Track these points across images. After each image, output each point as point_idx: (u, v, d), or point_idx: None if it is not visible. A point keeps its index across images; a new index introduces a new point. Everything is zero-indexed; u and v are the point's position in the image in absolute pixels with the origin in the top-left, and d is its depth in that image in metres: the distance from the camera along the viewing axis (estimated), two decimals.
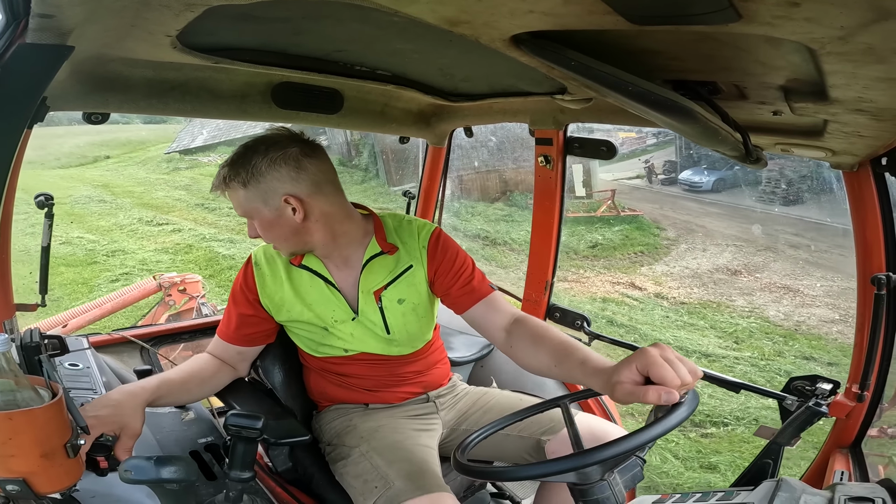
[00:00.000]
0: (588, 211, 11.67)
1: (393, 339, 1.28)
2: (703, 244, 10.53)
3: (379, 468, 1.12)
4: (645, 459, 1.01)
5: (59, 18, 0.77)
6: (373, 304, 1.26)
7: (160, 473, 0.77)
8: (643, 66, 0.83)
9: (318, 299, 1.26)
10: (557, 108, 1.52)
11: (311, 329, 1.28)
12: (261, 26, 1.02)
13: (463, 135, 2.01)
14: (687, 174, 13.87)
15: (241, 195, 1.16)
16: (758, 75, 0.82)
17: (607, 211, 11.52)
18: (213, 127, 19.13)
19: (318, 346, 1.30)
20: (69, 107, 1.22)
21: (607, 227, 11.14)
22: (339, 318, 1.26)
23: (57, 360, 1.25)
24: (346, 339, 1.28)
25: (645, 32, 0.67)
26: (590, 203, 12.03)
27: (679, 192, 13.80)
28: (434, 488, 1.06)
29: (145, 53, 1.06)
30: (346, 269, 1.27)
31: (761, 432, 1.37)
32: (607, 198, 11.87)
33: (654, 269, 9.72)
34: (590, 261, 10.07)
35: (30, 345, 1.06)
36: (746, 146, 1.00)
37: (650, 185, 14.61)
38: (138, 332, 1.81)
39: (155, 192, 14.85)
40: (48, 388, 0.80)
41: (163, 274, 4.48)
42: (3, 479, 0.75)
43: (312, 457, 1.29)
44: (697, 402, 0.85)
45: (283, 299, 1.26)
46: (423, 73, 1.43)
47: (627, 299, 8.24)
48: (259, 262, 1.29)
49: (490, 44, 0.85)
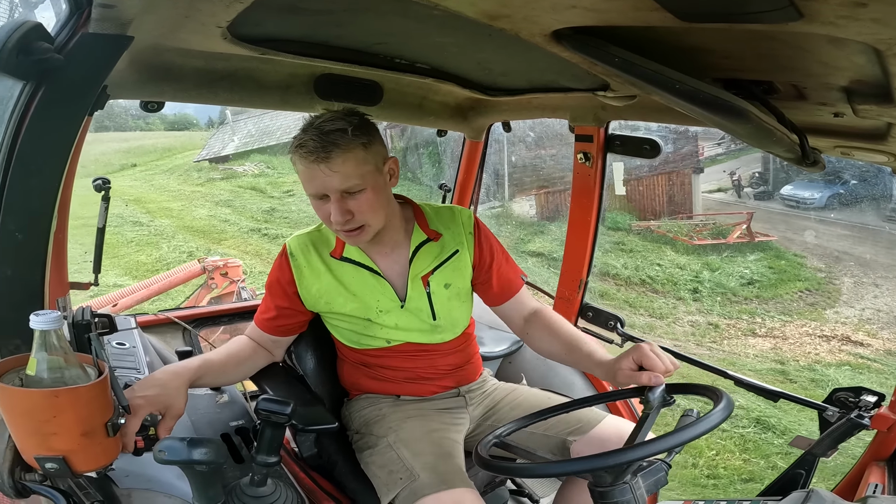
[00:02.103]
0: (715, 236, 10.17)
1: (438, 324, 1.28)
2: (868, 277, 9.15)
3: (405, 459, 1.13)
4: (670, 464, 0.99)
5: (119, 9, 0.80)
6: (420, 289, 1.25)
7: (191, 455, 0.78)
8: (692, 63, 0.79)
9: (361, 290, 1.24)
10: (599, 104, 1.48)
11: (352, 321, 1.27)
12: (305, 18, 1.03)
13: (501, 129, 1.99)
14: (791, 189, 12.04)
15: (361, 157, 1.07)
16: (819, 76, 0.77)
17: (741, 237, 9.90)
18: (245, 134, 17.94)
19: (360, 337, 1.29)
20: (127, 95, 1.28)
21: (741, 256, 9.57)
22: (385, 308, 1.25)
23: (105, 338, 1.29)
24: (389, 329, 1.26)
25: (694, 30, 0.64)
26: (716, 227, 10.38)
27: (781, 209, 11.81)
28: (457, 483, 1.06)
29: (198, 44, 1.09)
30: (392, 256, 1.26)
31: (797, 442, 1.34)
32: (741, 222, 10.12)
33: (842, 312, 8.32)
34: (755, 304, 8.60)
35: (81, 323, 1.09)
36: (803, 148, 0.95)
37: (739, 199, 12.69)
38: (181, 314, 1.90)
39: (195, 209, 13.50)
40: (95, 366, 0.81)
41: (206, 257, 4.69)
42: (43, 458, 0.75)
43: (338, 444, 1.32)
44: (730, 411, 0.87)
45: (322, 291, 1.24)
46: (462, 66, 1.42)
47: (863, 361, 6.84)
48: (295, 254, 1.25)
49: (530, 38, 0.84)
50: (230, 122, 18.89)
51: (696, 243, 9.93)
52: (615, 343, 1.76)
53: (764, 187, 12.85)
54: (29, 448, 0.75)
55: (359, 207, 1.10)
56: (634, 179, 11.30)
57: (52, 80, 0.86)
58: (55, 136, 0.89)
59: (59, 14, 0.91)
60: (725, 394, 0.92)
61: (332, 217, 1.10)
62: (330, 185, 1.08)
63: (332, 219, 1.11)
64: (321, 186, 1.09)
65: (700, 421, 0.86)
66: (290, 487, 1.03)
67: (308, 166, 1.07)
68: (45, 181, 0.89)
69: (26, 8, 0.96)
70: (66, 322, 1.08)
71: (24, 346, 0.83)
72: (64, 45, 0.86)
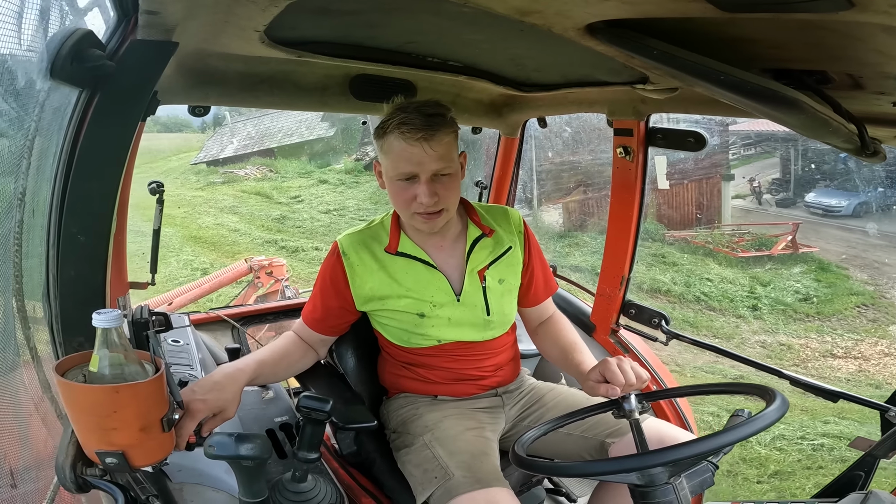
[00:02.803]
0: (759, 248, 9.69)
1: (491, 320, 1.29)
2: None
3: (440, 458, 1.13)
4: (717, 465, 0.95)
5: (163, 15, 0.83)
6: (477, 283, 1.26)
7: (239, 450, 0.80)
8: (736, 54, 0.75)
9: (415, 285, 1.24)
10: (638, 98, 1.42)
11: (403, 318, 1.26)
12: (337, 20, 1.05)
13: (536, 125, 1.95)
14: (816, 196, 11.47)
15: (453, 143, 1.14)
16: (874, 65, 0.71)
17: (785, 248, 9.52)
18: (245, 136, 17.15)
19: (410, 336, 1.28)
20: (176, 100, 1.32)
21: (786, 269, 9.15)
22: (439, 302, 1.24)
23: (161, 335, 1.34)
24: (441, 326, 1.26)
25: (737, 20, 0.61)
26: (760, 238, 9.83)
27: (805, 216, 11.16)
28: (492, 482, 1.06)
29: (238, 48, 1.12)
30: (447, 250, 1.27)
31: (857, 444, 1.28)
32: (786, 233, 9.67)
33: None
34: (817, 321, 8.10)
35: (139, 321, 1.14)
36: (862, 139, 0.89)
37: (759, 206, 12.15)
38: (230, 312, 1.99)
39: (200, 216, 12.69)
40: (152, 362, 0.82)
41: (252, 257, 4.90)
42: (104, 452, 0.77)
43: (376, 443, 1.34)
44: (783, 412, 0.84)
45: (375, 289, 1.24)
46: (494, 63, 1.40)
47: None
48: (347, 252, 1.25)
49: (563, 33, 0.82)
50: (229, 123, 18.29)
51: (741, 255, 9.45)
52: (660, 341, 1.71)
53: (784, 193, 12.15)
54: (91, 443, 0.78)
55: (444, 191, 1.14)
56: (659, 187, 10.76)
57: (106, 86, 0.88)
58: (112, 141, 0.92)
59: (107, 21, 0.94)
60: (780, 394, 0.88)
61: (420, 198, 1.13)
62: (426, 164, 1.11)
63: (418, 199, 1.13)
64: (416, 165, 1.11)
65: (750, 422, 0.83)
66: (330, 483, 1.05)
67: (409, 144, 1.10)
68: (104, 185, 0.92)
69: (76, 15, 0.98)
70: (126, 320, 1.12)
71: (87, 344, 0.86)
72: (115, 52, 0.89)
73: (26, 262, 0.92)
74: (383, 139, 1.14)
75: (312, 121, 16.84)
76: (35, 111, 0.90)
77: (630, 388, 1.04)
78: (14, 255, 0.89)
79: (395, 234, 1.26)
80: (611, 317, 1.79)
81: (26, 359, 0.97)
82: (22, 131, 0.89)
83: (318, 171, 15.93)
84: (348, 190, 14.35)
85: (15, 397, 0.97)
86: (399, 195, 1.16)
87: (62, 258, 0.90)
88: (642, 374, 1.05)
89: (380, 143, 1.15)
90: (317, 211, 12.95)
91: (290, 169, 16.03)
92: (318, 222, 12.22)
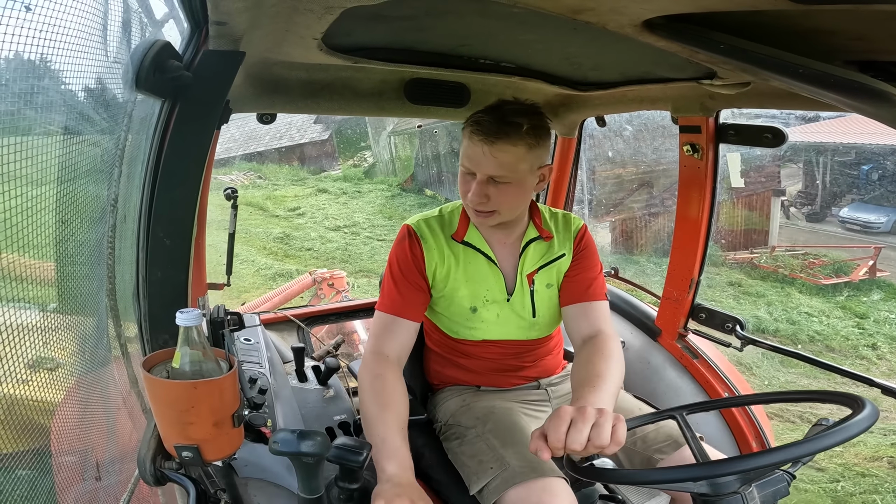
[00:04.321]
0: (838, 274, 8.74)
1: (536, 322, 1.29)
2: None
3: (495, 449, 1.13)
4: (794, 475, 0.88)
5: (230, 25, 0.87)
6: (526, 286, 1.27)
7: (300, 447, 0.80)
8: (814, 46, 0.69)
9: (475, 276, 1.25)
10: (706, 93, 1.34)
11: (457, 308, 1.27)
12: (390, 25, 1.07)
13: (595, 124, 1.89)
14: (851, 211, 10.36)
15: (521, 154, 1.11)
16: None
17: (865, 274, 8.64)
18: (228, 138, 14.84)
19: (459, 328, 1.30)
20: (246, 109, 1.40)
21: (866, 296, 8.16)
22: (492, 298, 1.26)
23: (235, 334, 1.42)
24: (490, 322, 1.27)
25: (812, 11, 0.55)
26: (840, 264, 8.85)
27: (838, 232, 10.16)
28: (550, 472, 1.04)
29: (299, 56, 1.17)
30: (507, 248, 1.28)
31: None
32: (869, 257, 8.84)
33: None
34: None
35: (216, 320, 1.20)
36: None
37: (788, 220, 10.92)
38: (296, 313, 2.15)
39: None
40: (226, 360, 0.84)
41: (316, 270, 5.21)
42: (181, 446, 0.79)
43: (425, 437, 1.35)
44: (873, 420, 0.76)
45: (445, 272, 1.25)
46: (549, 63, 1.37)
47: None
48: (424, 235, 1.25)
49: (619, 30, 0.79)
50: None
51: (824, 283, 8.49)
52: (734, 346, 1.61)
53: (810, 207, 10.85)
54: (170, 437, 0.80)
55: (497, 196, 1.14)
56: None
57: (185, 96, 0.93)
58: (192, 149, 0.97)
59: (181, 32, 0.99)
60: (869, 403, 0.80)
61: (469, 195, 1.16)
62: (483, 166, 1.12)
63: (468, 196, 1.16)
64: (475, 164, 1.14)
65: (833, 432, 0.76)
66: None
67: (473, 143, 1.12)
68: (187, 191, 0.97)
69: (154, 27, 1.03)
70: (205, 319, 1.18)
71: (171, 341, 0.91)
72: (190, 62, 0.94)
73: (118, 265, 0.99)
74: (464, 131, 1.17)
75: (304, 123, 15.19)
76: (124, 121, 0.95)
77: (573, 452, 0.85)
78: (108, 258, 0.97)
79: (463, 222, 1.27)
80: (678, 321, 1.70)
81: (117, 355, 1.04)
82: (113, 140, 0.94)
83: (312, 177, 14.21)
84: (352, 201, 12.55)
85: (105, 392, 1.02)
86: (461, 185, 1.19)
87: (150, 261, 0.97)
88: (603, 441, 0.83)
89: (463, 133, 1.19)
90: (324, 227, 11.11)
91: (280, 175, 14.32)
92: (331, 243, 10.22)
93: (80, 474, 0.94)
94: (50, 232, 0.77)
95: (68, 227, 0.83)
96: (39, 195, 0.72)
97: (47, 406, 0.80)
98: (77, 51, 0.74)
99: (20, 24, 0.62)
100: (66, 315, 0.87)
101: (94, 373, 0.96)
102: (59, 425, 0.86)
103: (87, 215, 0.91)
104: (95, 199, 0.94)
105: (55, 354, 0.82)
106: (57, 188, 0.78)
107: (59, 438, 0.86)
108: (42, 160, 0.71)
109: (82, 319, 0.92)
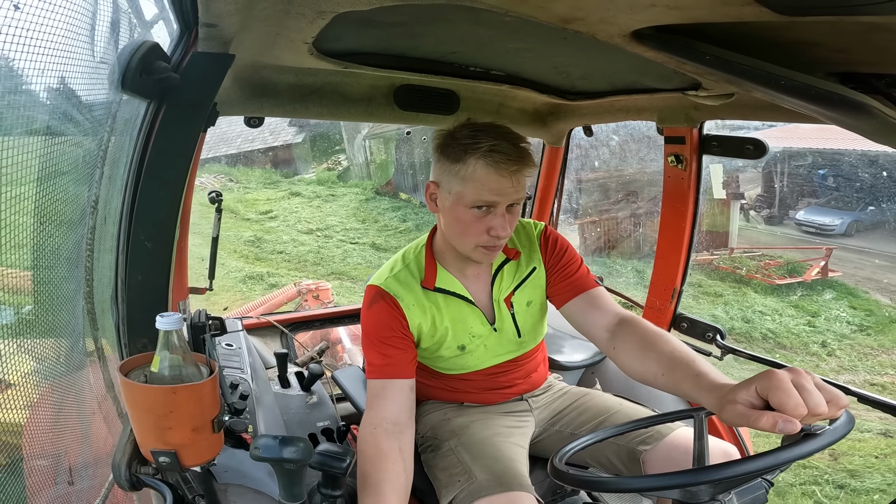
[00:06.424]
0: (792, 274, 8.95)
1: (523, 340, 1.28)
2: None
3: (465, 462, 1.13)
4: (772, 482, 0.89)
5: (221, 27, 0.86)
6: (505, 311, 1.24)
7: (282, 453, 0.80)
8: (797, 58, 0.71)
9: (457, 317, 1.20)
10: (690, 104, 1.37)
11: (445, 353, 1.23)
12: (381, 31, 1.07)
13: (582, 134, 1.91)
14: (807, 214, 10.73)
15: (529, 174, 1.07)
16: None
17: (817, 274, 8.84)
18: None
19: (449, 364, 1.27)
20: (234, 112, 1.38)
21: (818, 296, 8.35)
22: (478, 333, 1.23)
23: (216, 339, 1.39)
24: (479, 354, 1.24)
25: (796, 23, 0.57)
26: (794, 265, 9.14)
27: (795, 234, 10.50)
28: (515, 487, 1.04)
29: (289, 60, 1.17)
30: (478, 281, 1.23)
31: None
32: (820, 258, 9.02)
33: None
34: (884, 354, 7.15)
35: (198, 324, 1.17)
36: None
37: (748, 223, 11.14)
38: (279, 318, 2.10)
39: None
40: (207, 365, 0.84)
41: (301, 281, 5.09)
42: (158, 451, 0.78)
43: None
44: (849, 428, 0.74)
45: (430, 325, 1.19)
46: (538, 71, 1.39)
47: None
48: (399, 294, 1.16)
49: (608, 40, 0.80)
50: None
51: (778, 283, 8.76)
52: (714, 356, 1.63)
53: (768, 210, 11.21)
54: (148, 441, 0.79)
55: (512, 222, 1.09)
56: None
57: (171, 98, 0.91)
58: (177, 151, 0.95)
59: (171, 33, 0.98)
60: (846, 411, 0.77)
61: (496, 230, 1.06)
62: (510, 195, 1.04)
63: (493, 231, 1.06)
64: (499, 194, 1.03)
65: (814, 437, 0.72)
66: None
67: (499, 174, 1.01)
68: (170, 194, 0.95)
69: (143, 28, 1.02)
70: (186, 323, 1.16)
71: (150, 345, 0.90)
72: (178, 64, 0.93)
73: (97, 267, 0.97)
74: (462, 164, 1.03)
75: (278, 125, 14.69)
76: (108, 122, 0.93)
77: (816, 418, 0.71)
78: (86, 260, 0.95)
79: (430, 268, 1.19)
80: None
81: (93, 359, 1.02)
82: (96, 141, 0.93)
83: (285, 181, 13.86)
84: (325, 204, 12.33)
85: (80, 396, 1.00)
86: (470, 224, 1.07)
87: (130, 263, 0.94)
88: (840, 398, 0.71)
89: (456, 167, 1.04)
90: (296, 231, 10.94)
91: (252, 178, 13.98)
92: (303, 246, 10.12)
93: (53, 478, 0.92)
94: (28, 233, 0.75)
95: (46, 227, 0.81)
96: (19, 195, 0.71)
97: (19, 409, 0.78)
98: (63, 50, 0.73)
99: (7, 22, 0.61)
100: (40, 316, 0.85)
101: (68, 376, 0.94)
102: (31, 428, 0.84)
103: (66, 217, 0.89)
104: (75, 200, 0.92)
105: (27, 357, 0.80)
106: (36, 188, 0.76)
107: (30, 442, 0.84)
108: (21, 160, 0.69)
109: (58, 321, 0.90)
